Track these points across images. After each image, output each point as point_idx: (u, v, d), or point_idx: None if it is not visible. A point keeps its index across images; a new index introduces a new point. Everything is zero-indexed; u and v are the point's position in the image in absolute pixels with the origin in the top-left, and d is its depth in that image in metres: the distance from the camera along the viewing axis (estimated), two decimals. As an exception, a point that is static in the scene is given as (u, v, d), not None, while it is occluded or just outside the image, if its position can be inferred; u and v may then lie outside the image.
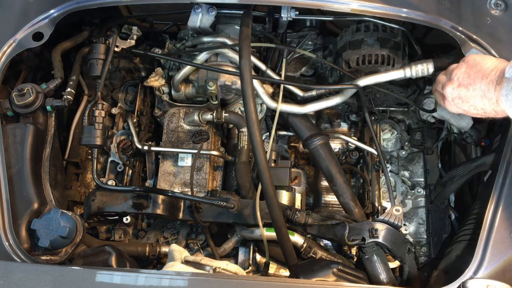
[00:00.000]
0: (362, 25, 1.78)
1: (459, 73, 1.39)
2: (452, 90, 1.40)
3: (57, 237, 1.44)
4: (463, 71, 1.38)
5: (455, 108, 1.43)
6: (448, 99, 1.42)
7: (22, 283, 1.26)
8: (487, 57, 1.40)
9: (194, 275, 1.33)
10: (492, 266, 1.33)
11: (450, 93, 1.41)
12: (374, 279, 1.57)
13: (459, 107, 1.41)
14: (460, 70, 1.40)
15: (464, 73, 1.38)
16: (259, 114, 1.91)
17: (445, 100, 1.44)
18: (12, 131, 1.61)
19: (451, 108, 1.45)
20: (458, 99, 1.39)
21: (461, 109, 1.42)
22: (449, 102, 1.43)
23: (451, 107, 1.44)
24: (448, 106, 1.45)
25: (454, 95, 1.40)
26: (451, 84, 1.41)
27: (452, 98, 1.41)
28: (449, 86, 1.41)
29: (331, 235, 1.63)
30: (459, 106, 1.41)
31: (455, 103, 1.41)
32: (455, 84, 1.39)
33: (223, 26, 1.94)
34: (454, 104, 1.42)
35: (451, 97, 1.41)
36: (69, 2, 1.65)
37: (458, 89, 1.38)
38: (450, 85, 1.41)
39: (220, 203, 1.63)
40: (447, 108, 1.46)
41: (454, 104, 1.42)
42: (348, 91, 1.75)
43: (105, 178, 1.96)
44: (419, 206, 1.97)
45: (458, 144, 1.99)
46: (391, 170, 1.99)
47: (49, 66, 1.78)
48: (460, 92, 1.38)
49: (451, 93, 1.40)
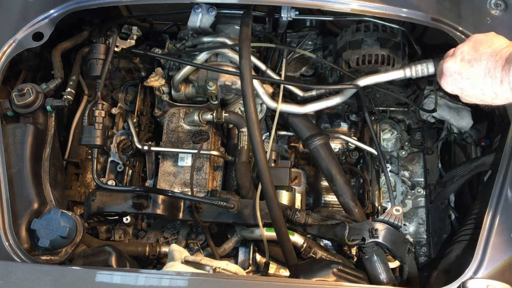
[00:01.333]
0: (362, 25, 1.78)
1: (464, 47, 1.29)
2: (453, 64, 1.29)
3: (57, 237, 1.45)
4: (470, 45, 1.29)
5: (451, 85, 1.32)
6: (446, 74, 1.32)
7: (22, 283, 1.26)
8: (495, 35, 1.31)
9: (194, 275, 1.33)
10: (492, 266, 1.33)
11: (450, 67, 1.30)
12: (374, 279, 1.57)
13: (456, 84, 1.30)
14: (466, 45, 1.30)
15: (471, 48, 1.28)
16: (259, 114, 1.91)
17: (443, 76, 1.34)
18: (12, 131, 1.61)
19: (446, 85, 1.34)
20: (457, 74, 1.28)
21: (457, 87, 1.31)
22: (446, 78, 1.32)
23: (447, 84, 1.33)
24: (444, 83, 1.34)
25: (454, 69, 1.29)
26: (453, 57, 1.30)
27: (450, 73, 1.30)
28: (451, 60, 1.30)
29: (331, 235, 1.63)
30: (456, 82, 1.30)
31: (452, 79, 1.30)
32: (457, 58, 1.29)
33: (223, 26, 1.94)
34: (451, 80, 1.31)
35: (449, 72, 1.30)
36: (69, 2, 1.65)
37: (460, 63, 1.27)
38: (452, 59, 1.30)
39: (220, 203, 1.63)
40: (442, 85, 1.36)
41: (451, 80, 1.31)
42: (348, 91, 1.75)
43: (105, 178, 1.96)
44: (419, 206, 1.97)
45: (458, 144, 1.99)
46: (391, 170, 1.99)
47: (49, 66, 1.78)
48: (461, 67, 1.27)
49: (451, 67, 1.29)
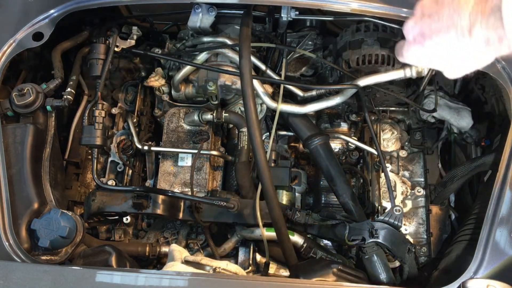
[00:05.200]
0: (362, 25, 1.78)
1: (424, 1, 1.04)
2: (414, 25, 1.04)
3: (57, 237, 1.44)
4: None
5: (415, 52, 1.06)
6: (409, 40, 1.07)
7: (22, 283, 1.26)
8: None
9: (194, 275, 1.33)
10: (492, 266, 1.33)
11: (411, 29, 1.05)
12: (374, 279, 1.57)
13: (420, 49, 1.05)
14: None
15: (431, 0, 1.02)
16: (259, 114, 1.91)
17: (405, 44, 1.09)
18: (12, 131, 1.60)
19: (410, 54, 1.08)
20: (420, 36, 1.03)
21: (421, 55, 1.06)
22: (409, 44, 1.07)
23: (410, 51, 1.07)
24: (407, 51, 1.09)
25: (415, 31, 1.04)
26: (412, 17, 1.05)
27: (413, 36, 1.05)
28: (410, 21, 1.05)
29: (331, 235, 1.63)
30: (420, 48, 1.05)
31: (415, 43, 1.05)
32: (417, 16, 1.04)
33: (223, 26, 1.94)
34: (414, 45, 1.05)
35: (412, 36, 1.05)
36: (69, 2, 1.65)
37: (421, 21, 1.02)
38: (411, 19, 1.05)
39: (220, 203, 1.63)
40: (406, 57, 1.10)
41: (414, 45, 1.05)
42: (348, 91, 1.75)
43: (105, 178, 1.96)
44: (419, 206, 1.97)
45: (458, 144, 1.99)
46: (391, 170, 1.99)
47: (49, 66, 1.78)
48: (423, 25, 1.02)
49: (412, 28, 1.05)
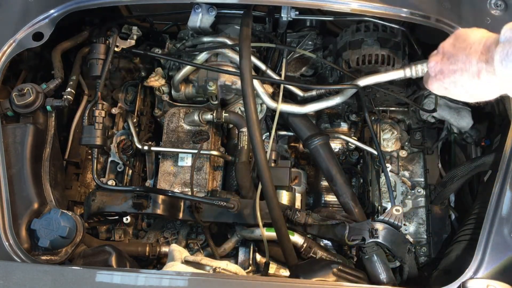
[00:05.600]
0: (362, 25, 1.78)
1: (445, 44, 1.26)
2: (435, 64, 1.26)
3: (57, 237, 1.44)
4: (450, 42, 1.25)
5: (437, 85, 1.28)
6: (431, 75, 1.28)
7: (22, 283, 1.26)
8: (477, 29, 1.24)
9: (194, 275, 1.33)
10: (492, 266, 1.33)
11: (433, 67, 1.26)
12: (374, 279, 1.57)
13: (441, 84, 1.26)
14: (447, 42, 1.26)
15: (450, 44, 1.24)
16: (259, 114, 1.91)
17: (428, 77, 1.31)
18: (12, 131, 1.61)
19: (433, 86, 1.30)
20: (440, 74, 1.24)
21: (442, 87, 1.27)
22: (431, 79, 1.29)
23: (433, 85, 1.29)
24: (431, 85, 1.30)
25: (436, 69, 1.25)
26: (436, 57, 1.27)
27: (434, 73, 1.26)
28: (433, 60, 1.27)
29: (331, 235, 1.63)
30: (440, 83, 1.26)
31: (437, 79, 1.26)
32: (439, 56, 1.26)
33: (223, 26, 1.94)
34: (436, 81, 1.27)
35: (433, 72, 1.27)
36: (69, 2, 1.65)
37: (441, 62, 1.24)
38: (434, 58, 1.27)
39: (220, 203, 1.63)
40: (430, 88, 1.32)
41: (436, 81, 1.27)
42: (348, 91, 1.75)
43: (105, 178, 1.96)
44: (419, 206, 1.97)
45: (458, 144, 1.99)
46: (391, 170, 1.99)
47: (49, 66, 1.78)
48: (442, 65, 1.23)
49: (434, 67, 1.26)
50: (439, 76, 1.25)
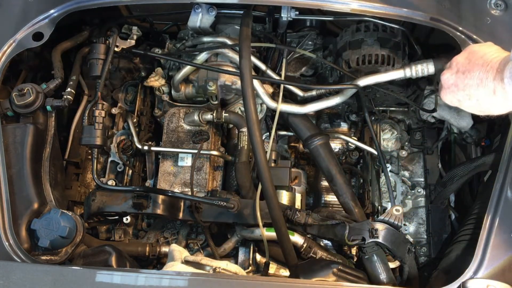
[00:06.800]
0: (362, 25, 1.78)
1: (459, 59, 1.33)
2: (450, 76, 1.33)
3: (57, 237, 1.44)
4: (464, 57, 1.32)
5: (450, 97, 1.35)
6: (444, 87, 1.36)
7: (22, 283, 1.26)
8: (492, 45, 1.34)
9: (194, 275, 1.33)
10: (492, 266, 1.33)
11: (447, 80, 1.34)
12: (374, 279, 1.57)
13: (454, 96, 1.34)
14: (461, 56, 1.34)
15: (465, 59, 1.31)
16: (259, 114, 1.91)
17: (442, 88, 1.38)
18: (12, 131, 1.61)
19: (445, 97, 1.37)
20: (454, 86, 1.32)
21: (455, 99, 1.34)
22: (444, 90, 1.36)
23: (446, 96, 1.36)
24: (444, 95, 1.38)
25: (450, 82, 1.33)
26: (449, 70, 1.35)
27: (448, 85, 1.34)
28: (447, 73, 1.35)
29: (331, 235, 1.63)
30: (453, 95, 1.33)
31: (450, 91, 1.34)
32: (453, 70, 1.33)
33: (223, 26, 1.94)
34: (449, 92, 1.34)
35: (447, 84, 1.34)
36: (69, 2, 1.65)
37: (456, 75, 1.31)
38: (448, 71, 1.35)
39: (220, 203, 1.63)
40: (442, 98, 1.39)
41: (449, 92, 1.34)
42: (348, 91, 1.75)
43: (105, 178, 1.96)
44: (419, 206, 1.97)
45: (458, 144, 1.99)
46: (391, 170, 1.99)
47: (49, 66, 1.78)
48: (457, 79, 1.31)
49: (448, 79, 1.34)
50: (453, 88, 1.32)
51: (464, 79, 1.28)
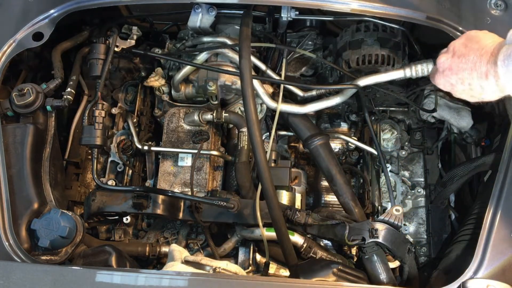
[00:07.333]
0: (362, 25, 1.78)
1: (456, 43, 1.34)
2: (445, 60, 1.34)
3: (57, 237, 1.44)
4: (461, 42, 1.33)
5: (443, 81, 1.36)
6: (439, 70, 1.37)
7: (22, 283, 1.26)
8: (489, 33, 1.33)
9: (194, 275, 1.33)
10: (492, 266, 1.33)
11: (443, 63, 1.35)
12: (374, 279, 1.57)
13: (447, 80, 1.35)
14: (458, 41, 1.35)
15: (461, 44, 1.32)
16: (259, 114, 1.91)
17: (436, 72, 1.39)
18: (12, 131, 1.61)
19: (439, 81, 1.38)
20: (448, 70, 1.33)
21: (448, 83, 1.35)
22: (439, 74, 1.37)
23: (440, 80, 1.37)
24: (437, 79, 1.39)
25: (445, 65, 1.34)
26: (446, 54, 1.36)
27: (443, 69, 1.35)
28: (443, 56, 1.36)
29: (331, 235, 1.63)
30: (447, 78, 1.34)
31: (444, 75, 1.35)
32: (449, 54, 1.34)
33: (223, 26, 1.94)
34: (443, 76, 1.35)
35: (442, 68, 1.35)
36: (69, 2, 1.65)
37: (452, 59, 1.32)
38: (444, 54, 1.36)
39: (220, 203, 1.63)
40: (436, 82, 1.40)
41: (443, 76, 1.35)
42: (348, 91, 1.75)
43: (105, 178, 1.96)
44: (419, 206, 1.97)
45: (458, 144, 1.99)
46: (391, 170, 1.99)
47: (49, 66, 1.78)
48: (452, 62, 1.32)
49: (444, 63, 1.35)
50: (447, 72, 1.33)
51: (459, 63, 1.29)
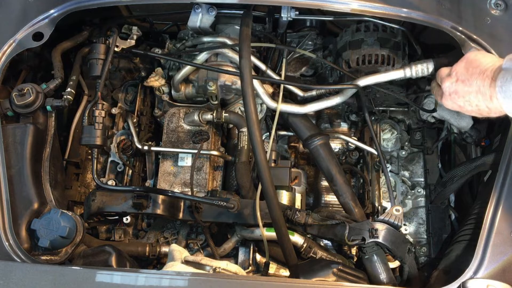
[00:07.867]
0: (362, 25, 1.78)
1: (458, 68, 1.41)
2: (450, 85, 1.41)
3: (57, 237, 1.44)
4: (463, 66, 1.40)
5: (451, 103, 1.44)
6: (446, 94, 1.44)
7: (22, 283, 1.26)
8: (487, 54, 1.41)
9: (194, 275, 1.33)
10: (492, 266, 1.33)
11: (448, 88, 1.42)
12: (374, 279, 1.57)
13: (455, 102, 1.42)
14: (459, 65, 1.41)
15: (463, 68, 1.39)
16: (259, 114, 1.91)
17: (443, 95, 1.45)
18: (12, 131, 1.61)
19: (447, 103, 1.45)
20: (454, 94, 1.40)
21: (456, 105, 1.43)
22: (446, 97, 1.44)
23: (447, 102, 1.45)
24: (445, 101, 1.46)
25: (451, 89, 1.41)
26: (450, 78, 1.42)
27: (449, 92, 1.42)
28: (448, 81, 1.42)
29: (331, 235, 1.63)
30: (455, 101, 1.42)
31: (451, 98, 1.42)
32: (453, 79, 1.40)
33: (223, 26, 1.94)
34: (450, 99, 1.43)
35: (448, 92, 1.42)
36: (69, 2, 1.65)
37: (456, 84, 1.39)
38: (448, 79, 1.42)
39: (220, 203, 1.63)
40: (443, 103, 1.47)
41: (450, 99, 1.43)
42: (348, 91, 1.75)
43: (105, 178, 1.96)
44: (419, 206, 1.97)
45: (458, 144, 1.99)
46: (391, 170, 1.99)
47: (49, 66, 1.78)
48: (457, 87, 1.39)
49: (449, 87, 1.41)
50: (454, 96, 1.41)
51: (464, 87, 1.37)
